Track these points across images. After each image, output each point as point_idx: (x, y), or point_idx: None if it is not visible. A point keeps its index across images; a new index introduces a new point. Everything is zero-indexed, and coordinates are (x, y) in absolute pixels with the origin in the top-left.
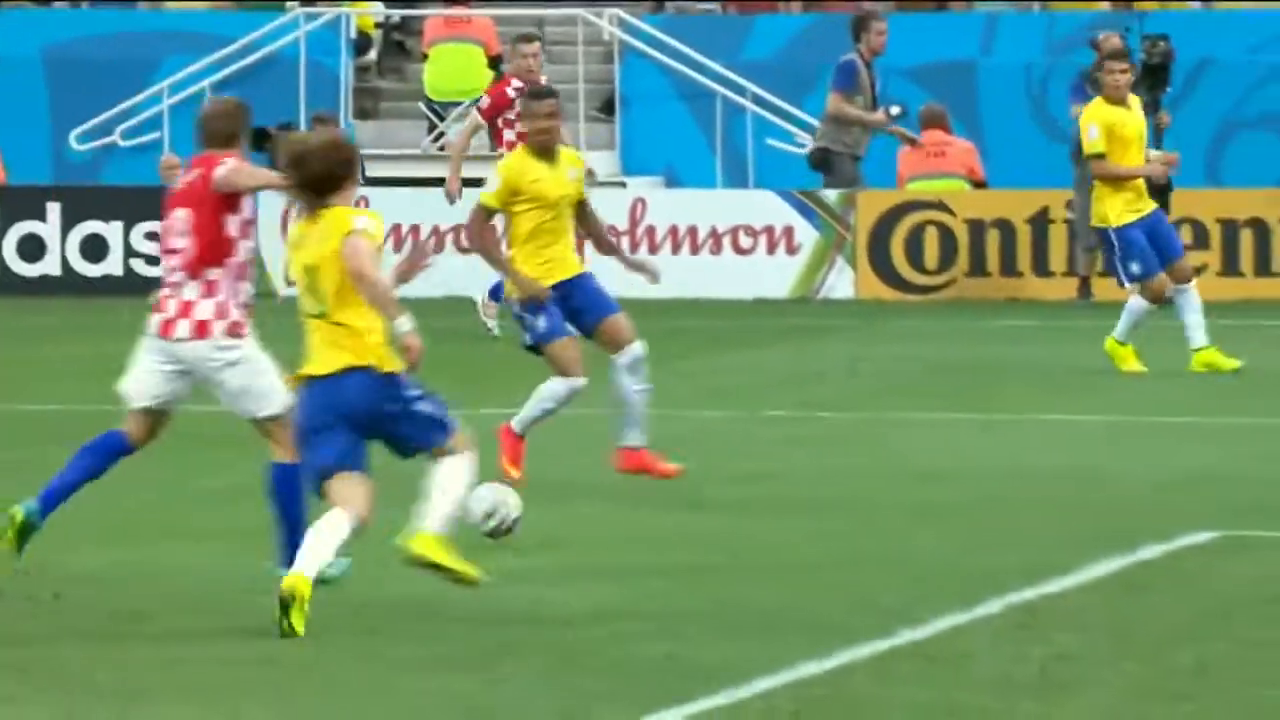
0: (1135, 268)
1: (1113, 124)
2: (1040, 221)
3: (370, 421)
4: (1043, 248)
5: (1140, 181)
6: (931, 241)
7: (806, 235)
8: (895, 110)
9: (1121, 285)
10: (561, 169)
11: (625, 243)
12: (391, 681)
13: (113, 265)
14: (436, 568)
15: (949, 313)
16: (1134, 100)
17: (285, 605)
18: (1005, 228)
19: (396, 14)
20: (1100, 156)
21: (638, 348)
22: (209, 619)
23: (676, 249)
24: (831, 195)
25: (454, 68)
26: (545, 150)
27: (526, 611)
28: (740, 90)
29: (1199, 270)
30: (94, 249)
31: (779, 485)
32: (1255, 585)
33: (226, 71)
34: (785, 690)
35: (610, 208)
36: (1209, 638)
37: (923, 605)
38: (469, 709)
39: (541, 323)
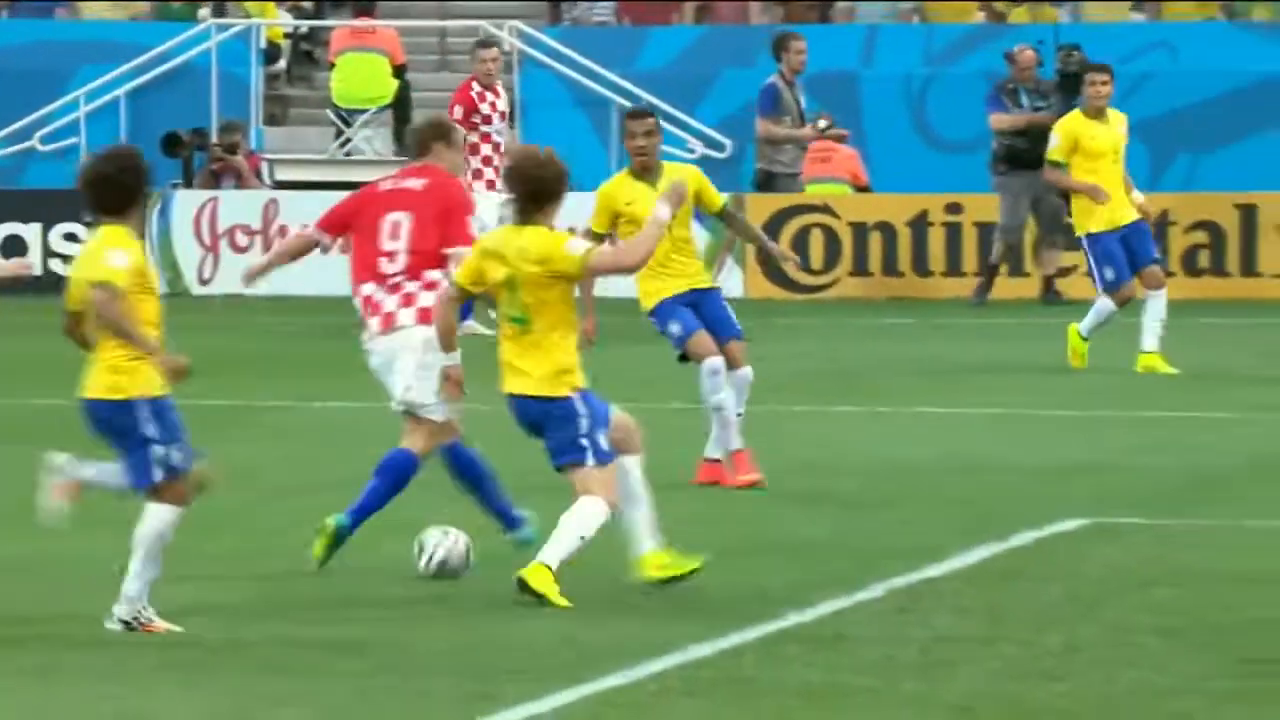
0: (1109, 274)
1: (1080, 136)
2: (920, 224)
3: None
4: (922, 249)
5: (1121, 194)
6: (817, 243)
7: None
8: (822, 123)
9: (1099, 290)
10: (663, 187)
11: None
12: (305, 663)
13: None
14: (538, 597)
15: (834, 311)
16: (1114, 116)
17: (531, 592)
18: (887, 230)
19: (305, 25)
20: (1055, 165)
21: (749, 371)
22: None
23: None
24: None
25: (359, 76)
26: (645, 170)
27: (434, 595)
28: (635, 98)
29: (1067, 271)
30: (14, 250)
31: (673, 474)
32: (1123, 570)
33: (141, 80)
34: (677, 671)
35: None
36: (1079, 620)
37: (808, 590)
38: (379, 688)
39: (675, 328)
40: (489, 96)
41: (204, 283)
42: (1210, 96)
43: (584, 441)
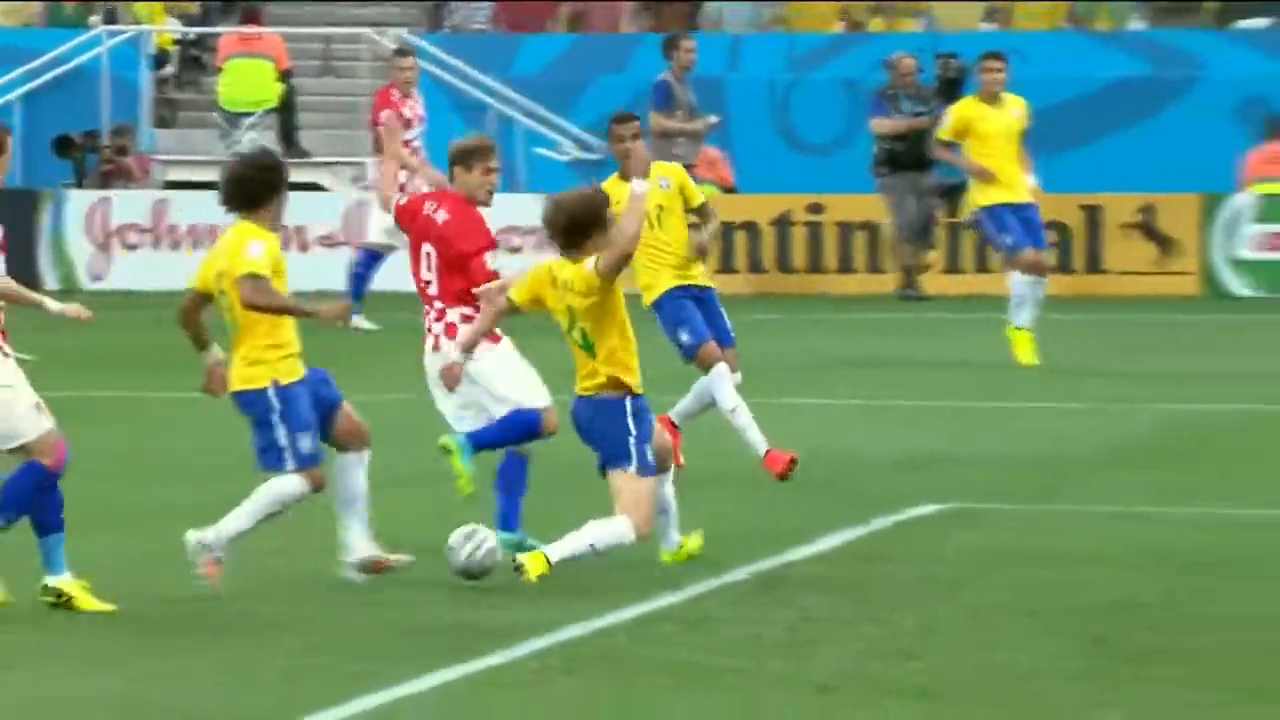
0: (1008, 240)
1: (972, 119)
2: (783, 224)
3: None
4: (786, 247)
5: (1014, 176)
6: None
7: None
8: (713, 119)
9: (1005, 253)
10: (653, 182)
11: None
12: (193, 641)
13: None
14: (518, 568)
15: None
16: (1010, 100)
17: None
18: (752, 229)
19: (193, 32)
20: (945, 144)
21: (738, 378)
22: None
23: None
24: None
25: (246, 81)
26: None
27: (327, 581)
28: (511, 103)
29: (925, 268)
30: None
31: (551, 460)
32: (980, 554)
33: (34, 84)
34: (556, 650)
35: None
36: (937, 602)
37: (679, 572)
38: (265, 665)
39: (685, 337)
40: (408, 103)
41: (96, 279)
42: (1058, 102)
43: (631, 446)
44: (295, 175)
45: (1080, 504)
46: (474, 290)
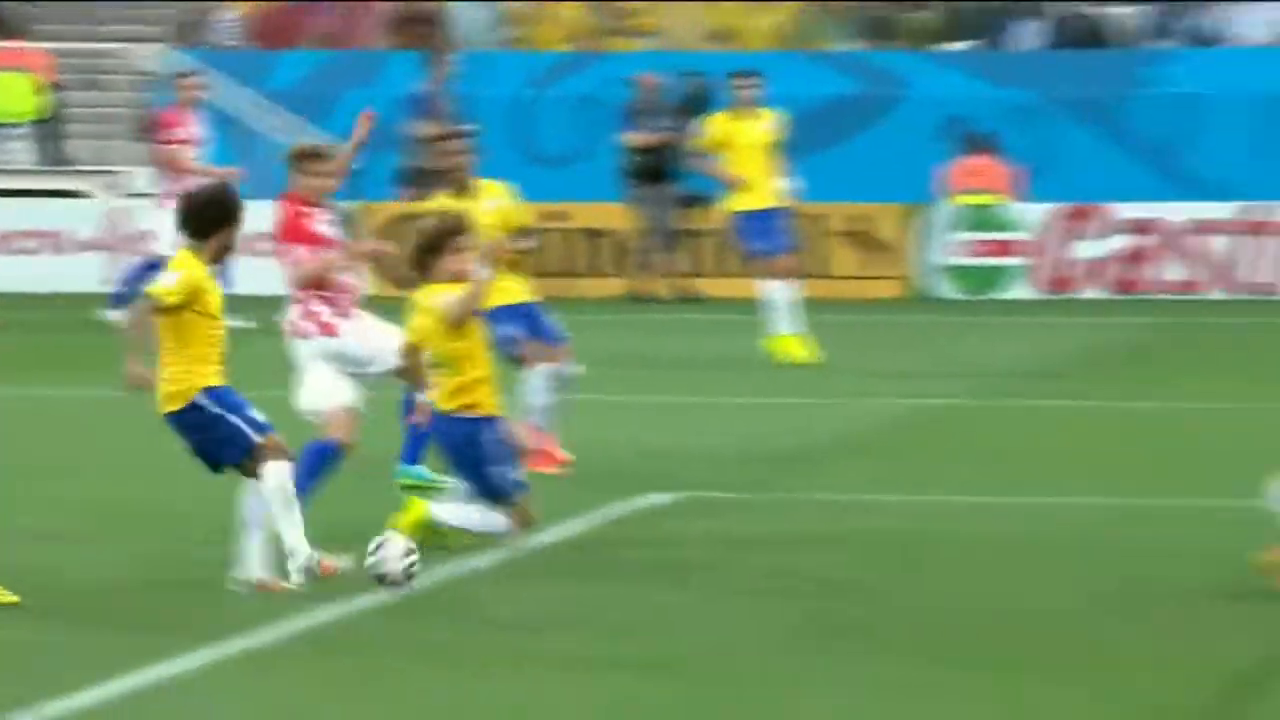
0: (757, 245)
1: (726, 131)
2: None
3: None
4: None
5: (764, 184)
6: None
7: None
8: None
9: (754, 258)
10: (480, 202)
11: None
12: None
13: None
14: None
15: None
16: (762, 114)
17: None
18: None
19: None
20: (700, 154)
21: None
22: None
23: None
24: (345, 204)
25: (9, 93)
26: (461, 186)
27: (97, 566)
28: (269, 115)
29: (675, 274)
30: None
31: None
32: (710, 540)
33: None
34: (304, 634)
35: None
36: (670, 585)
37: (432, 557)
38: (44, 647)
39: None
40: (190, 121)
41: None
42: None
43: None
44: (60, 183)
45: (804, 492)
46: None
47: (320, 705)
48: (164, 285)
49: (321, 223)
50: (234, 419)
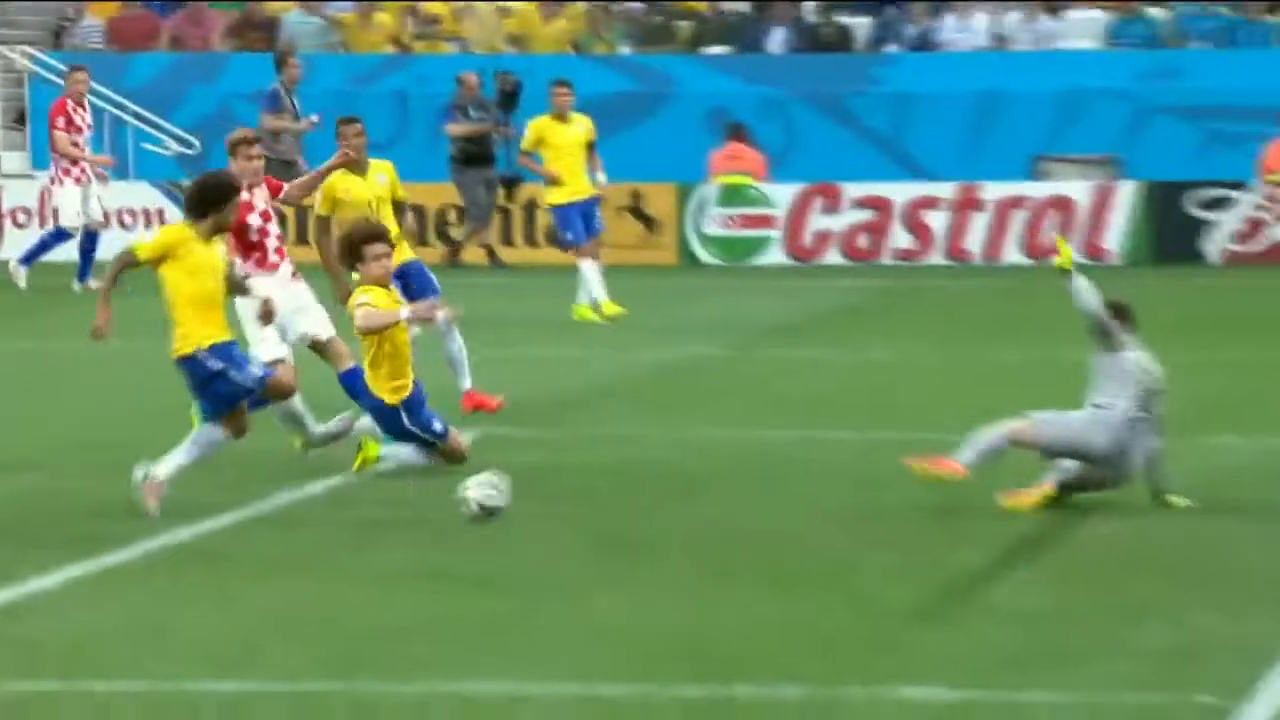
0: (569, 235)
1: (545, 133)
2: None
3: None
4: None
5: (578, 178)
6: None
7: (174, 215)
8: (314, 118)
9: (563, 249)
10: (371, 177)
11: (47, 224)
12: None
13: None
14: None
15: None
16: (576, 119)
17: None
18: None
19: None
20: (526, 154)
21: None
22: None
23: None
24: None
25: None
26: (357, 165)
27: None
28: (123, 109)
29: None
30: None
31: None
32: (512, 470)
33: None
34: (161, 550)
35: (26, 196)
36: (367, 550)
37: (264, 484)
38: None
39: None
40: (80, 112)
41: None
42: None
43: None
44: None
45: (588, 428)
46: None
47: (176, 614)
48: (141, 240)
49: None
50: (232, 374)
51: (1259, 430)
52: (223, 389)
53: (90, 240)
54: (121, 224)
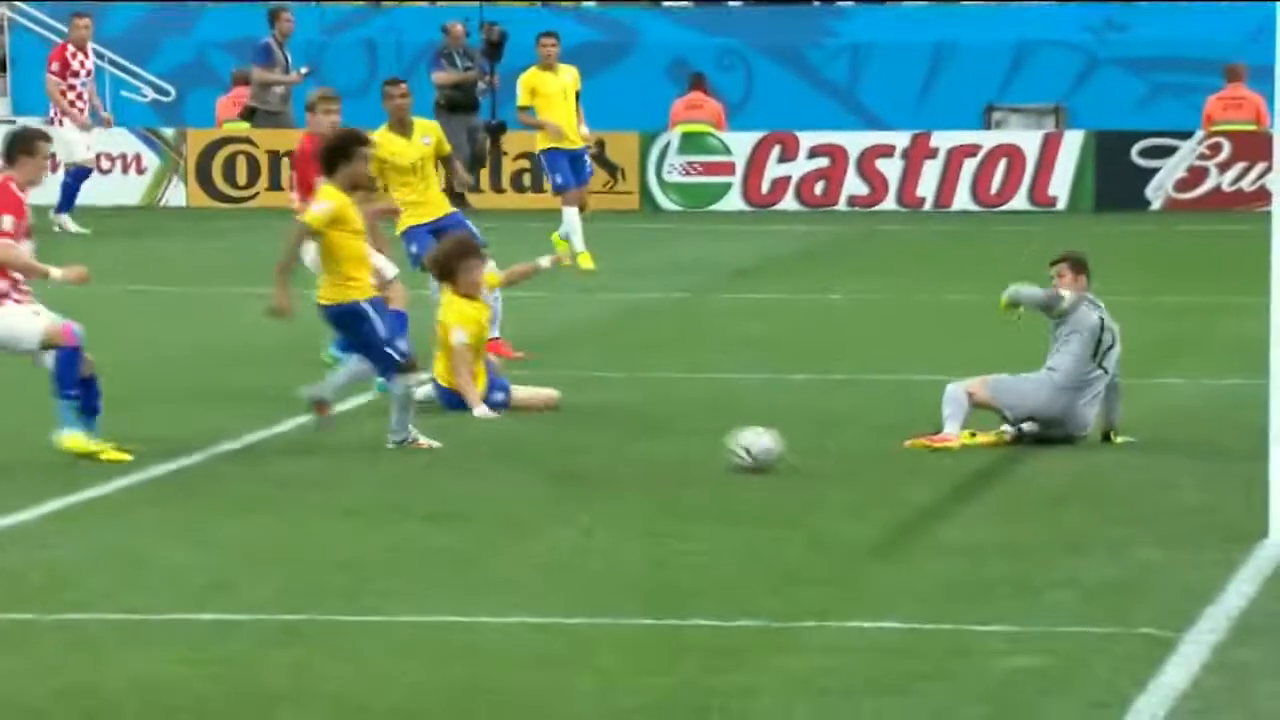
0: (557, 179)
1: (535, 84)
2: None
3: None
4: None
5: (569, 127)
6: (241, 166)
7: (151, 161)
8: (305, 70)
9: (556, 193)
10: (416, 138)
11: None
12: None
13: None
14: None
15: (255, 217)
16: (564, 69)
17: None
18: (292, 156)
19: None
20: (523, 109)
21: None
22: None
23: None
24: (169, 131)
25: None
26: (402, 124)
27: None
28: (100, 56)
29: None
30: None
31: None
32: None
33: None
34: (141, 484)
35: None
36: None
37: (239, 426)
38: None
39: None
40: (80, 57)
41: None
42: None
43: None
44: None
45: (553, 369)
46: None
47: (152, 547)
48: (313, 212)
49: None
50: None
51: (1199, 372)
52: (373, 338)
53: (76, 177)
54: (100, 169)
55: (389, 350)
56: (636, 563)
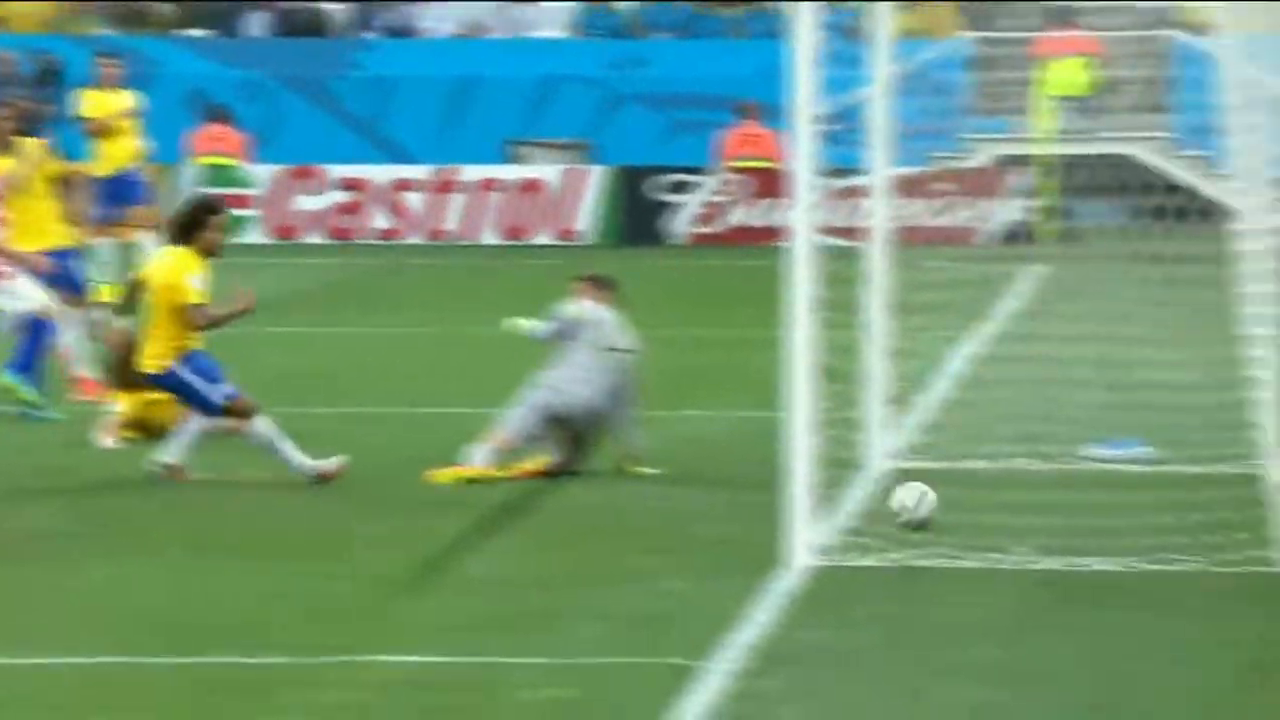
0: (105, 208)
1: (95, 103)
2: None
3: None
4: None
5: (122, 147)
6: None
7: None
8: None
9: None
10: (21, 159)
11: None
12: None
13: None
14: None
15: None
16: (122, 92)
17: None
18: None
19: None
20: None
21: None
22: None
23: None
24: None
25: None
26: (5, 145)
27: None
28: None
29: None
30: None
31: None
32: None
33: None
34: None
35: None
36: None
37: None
38: None
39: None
40: None
41: None
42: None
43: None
44: None
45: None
46: None
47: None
48: None
49: None
50: None
51: (720, 404)
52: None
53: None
54: None
55: None
56: (160, 600)
